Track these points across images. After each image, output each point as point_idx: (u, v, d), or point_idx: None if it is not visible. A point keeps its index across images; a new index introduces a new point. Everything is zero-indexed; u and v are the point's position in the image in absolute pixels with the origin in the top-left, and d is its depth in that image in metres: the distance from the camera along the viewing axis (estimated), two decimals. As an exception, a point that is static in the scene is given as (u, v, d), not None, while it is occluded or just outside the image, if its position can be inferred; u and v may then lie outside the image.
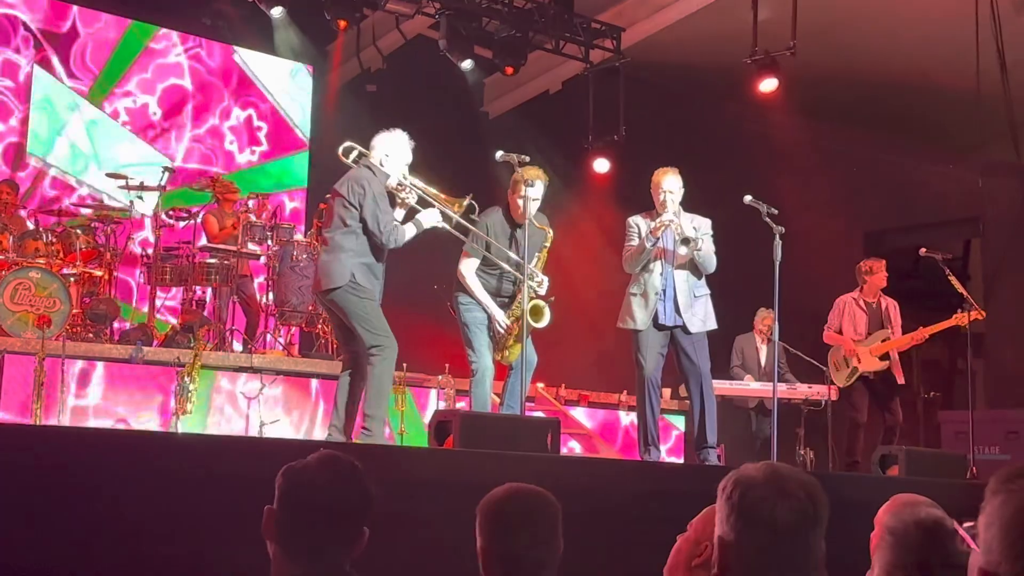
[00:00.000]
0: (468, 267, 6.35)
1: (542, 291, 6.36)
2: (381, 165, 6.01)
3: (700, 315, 6.60)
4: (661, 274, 6.57)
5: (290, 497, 2.43)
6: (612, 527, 4.40)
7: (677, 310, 6.54)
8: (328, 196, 6.22)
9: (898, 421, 8.47)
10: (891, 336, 8.44)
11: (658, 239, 6.52)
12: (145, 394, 7.68)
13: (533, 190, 6.21)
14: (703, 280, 6.67)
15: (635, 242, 6.62)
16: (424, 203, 6.13)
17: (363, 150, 6.13)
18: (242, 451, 4.24)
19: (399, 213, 6.08)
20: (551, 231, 6.42)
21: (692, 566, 2.48)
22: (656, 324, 6.55)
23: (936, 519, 2.13)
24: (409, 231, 5.97)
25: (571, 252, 6.71)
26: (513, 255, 6.31)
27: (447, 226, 6.15)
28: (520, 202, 6.24)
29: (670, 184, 6.62)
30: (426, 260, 7.16)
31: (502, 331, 6.24)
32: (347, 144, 6.21)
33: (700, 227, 6.60)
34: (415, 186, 6.10)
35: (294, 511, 2.41)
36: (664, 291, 6.55)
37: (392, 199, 6.02)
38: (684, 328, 6.55)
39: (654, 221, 6.54)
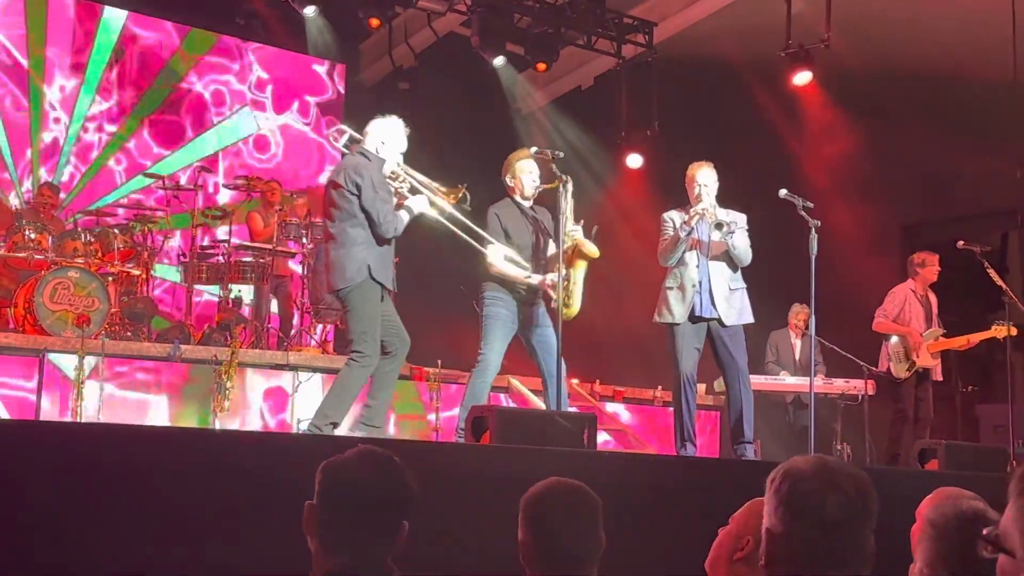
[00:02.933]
0: (495, 255, 6.31)
1: (579, 236, 6.38)
2: (377, 152, 5.89)
3: (737, 308, 6.57)
4: (697, 266, 6.54)
5: (330, 492, 2.44)
6: (650, 522, 4.40)
7: (713, 302, 6.51)
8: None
9: (930, 414, 8.41)
10: (942, 335, 8.38)
11: (692, 228, 6.50)
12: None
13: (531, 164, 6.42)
14: (739, 273, 6.64)
15: (669, 235, 6.60)
16: (415, 192, 6.05)
17: (355, 135, 6.03)
18: (281, 447, 4.27)
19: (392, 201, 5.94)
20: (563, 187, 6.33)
21: (734, 560, 2.48)
22: (692, 317, 6.52)
23: (977, 511, 2.12)
24: (404, 217, 5.87)
25: (605, 248, 6.69)
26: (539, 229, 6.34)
27: (436, 214, 6.09)
28: (525, 180, 6.40)
29: (704, 177, 6.60)
30: (459, 255, 7.16)
31: (553, 292, 6.17)
32: (338, 127, 6.11)
33: (735, 222, 6.58)
34: (409, 175, 6.00)
35: (334, 506, 2.42)
36: (701, 283, 6.52)
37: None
38: (720, 321, 6.51)
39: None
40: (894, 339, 8.47)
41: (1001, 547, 1.45)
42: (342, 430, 5.82)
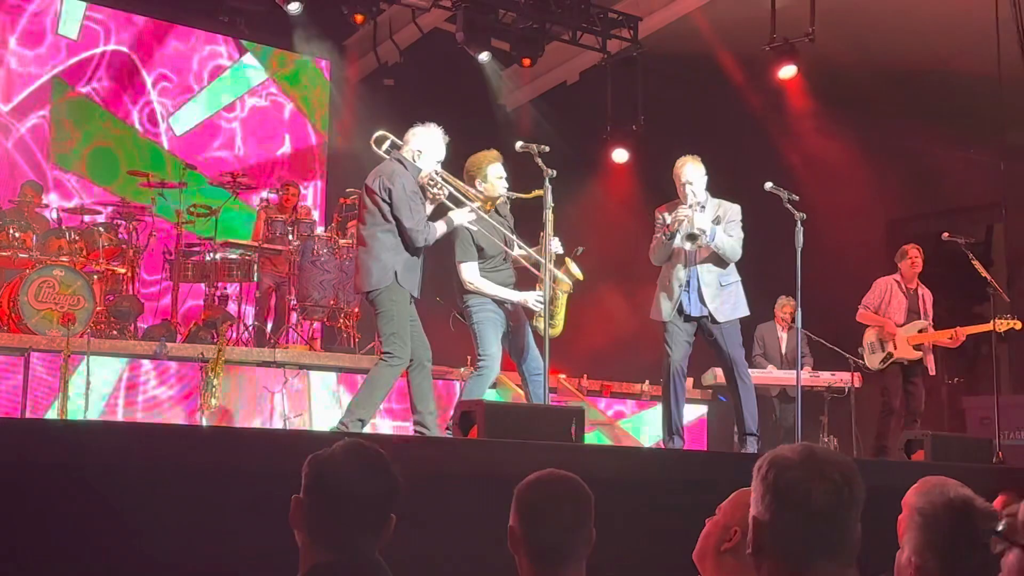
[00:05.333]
0: (471, 272, 6.20)
1: (560, 251, 6.27)
2: (414, 160, 5.97)
3: (729, 304, 6.54)
4: (685, 266, 6.52)
5: (317, 485, 2.45)
6: (637, 515, 4.40)
7: (703, 300, 6.49)
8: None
9: (920, 408, 8.42)
10: (928, 327, 8.38)
11: (675, 234, 6.45)
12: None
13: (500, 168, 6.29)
14: (730, 268, 6.59)
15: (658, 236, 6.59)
16: (455, 200, 6.07)
17: (396, 140, 6.07)
18: (267, 443, 4.26)
19: (428, 208, 6.00)
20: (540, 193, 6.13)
21: (721, 551, 2.48)
22: (683, 314, 6.51)
23: (965, 499, 2.13)
24: (440, 228, 5.94)
25: (591, 242, 6.68)
26: (506, 233, 6.27)
27: (480, 227, 6.11)
28: (498, 185, 6.24)
29: (689, 174, 6.55)
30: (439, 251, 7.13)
31: (538, 308, 6.08)
32: (380, 133, 6.12)
33: (727, 213, 6.53)
34: (447, 182, 6.03)
35: (321, 499, 2.42)
36: (688, 282, 6.50)
37: (423, 193, 5.96)
38: (712, 318, 6.50)
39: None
40: (869, 331, 8.55)
41: (1013, 540, 1.44)
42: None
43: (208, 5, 11.29)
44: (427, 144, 6.01)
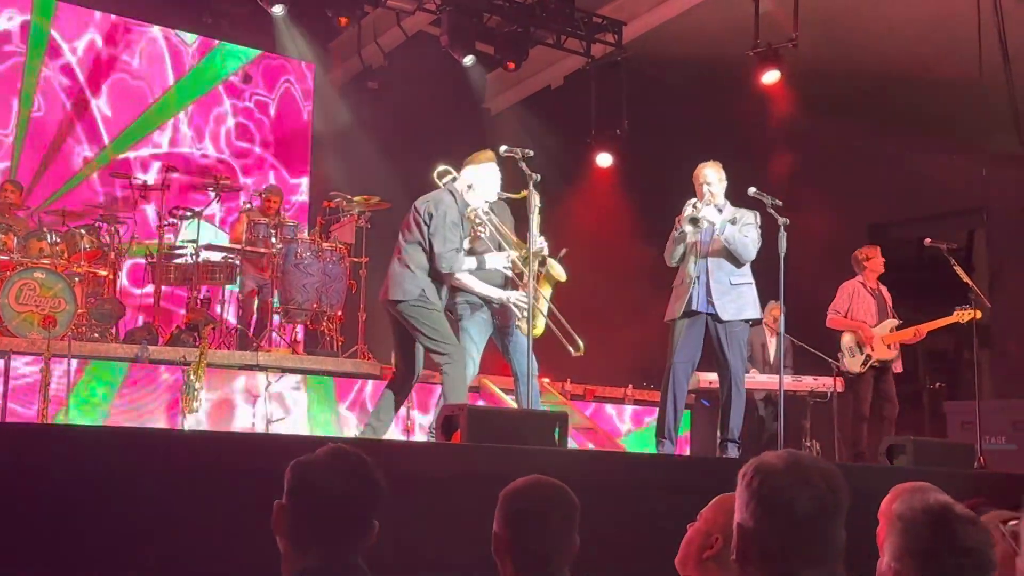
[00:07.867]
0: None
1: (546, 252, 6.31)
2: (462, 194, 6.10)
3: (736, 303, 6.49)
4: (695, 262, 6.52)
5: (299, 491, 2.43)
6: (618, 520, 4.40)
7: (710, 296, 6.47)
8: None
9: (893, 413, 8.45)
10: (897, 326, 8.44)
11: (683, 229, 6.44)
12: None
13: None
14: (744, 269, 6.55)
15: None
16: (494, 241, 6.18)
17: (456, 175, 6.22)
18: (250, 447, 4.24)
19: (467, 243, 6.11)
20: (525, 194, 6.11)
21: (703, 558, 2.47)
22: (689, 311, 6.50)
23: (945, 505, 2.14)
24: (470, 262, 6.05)
25: (575, 246, 6.68)
26: (498, 236, 6.29)
27: (510, 272, 6.20)
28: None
29: (709, 176, 6.60)
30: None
31: (523, 305, 6.07)
32: (442, 168, 6.33)
33: (743, 217, 6.53)
34: (491, 223, 6.16)
35: (303, 505, 2.41)
36: (699, 278, 6.48)
37: (466, 226, 6.09)
38: (716, 316, 6.49)
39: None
40: (846, 335, 8.57)
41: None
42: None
43: (191, 6, 11.26)
44: (478, 180, 6.14)
